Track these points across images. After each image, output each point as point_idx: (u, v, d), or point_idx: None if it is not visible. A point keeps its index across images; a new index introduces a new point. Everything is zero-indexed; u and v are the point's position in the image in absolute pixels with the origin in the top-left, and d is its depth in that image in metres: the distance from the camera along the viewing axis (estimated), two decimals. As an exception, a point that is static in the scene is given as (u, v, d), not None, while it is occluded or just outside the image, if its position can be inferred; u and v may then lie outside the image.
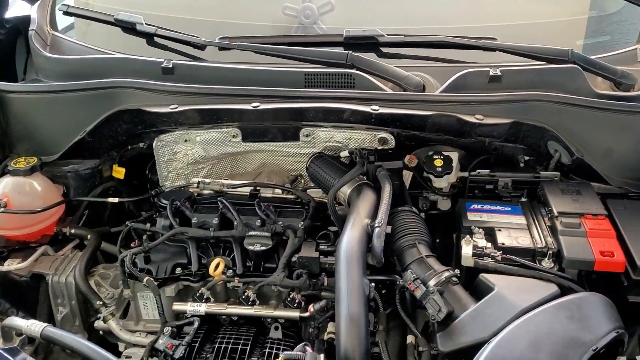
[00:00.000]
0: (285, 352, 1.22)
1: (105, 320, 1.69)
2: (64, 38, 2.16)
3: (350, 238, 1.47)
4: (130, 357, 1.63)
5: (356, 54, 1.83)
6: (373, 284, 1.42)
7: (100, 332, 1.76)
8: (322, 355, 1.19)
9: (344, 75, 1.80)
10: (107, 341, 1.77)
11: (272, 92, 1.76)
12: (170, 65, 1.86)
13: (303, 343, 1.26)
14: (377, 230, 1.48)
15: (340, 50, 1.87)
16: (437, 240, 1.78)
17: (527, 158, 1.86)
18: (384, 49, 1.95)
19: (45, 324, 1.42)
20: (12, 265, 1.73)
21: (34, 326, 1.43)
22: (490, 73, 1.76)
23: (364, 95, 1.74)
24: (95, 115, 1.83)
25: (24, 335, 1.54)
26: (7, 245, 1.81)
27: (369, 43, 1.92)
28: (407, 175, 1.92)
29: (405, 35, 1.93)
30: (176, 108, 1.76)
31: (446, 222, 1.83)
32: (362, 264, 1.42)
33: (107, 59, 1.96)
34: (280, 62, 1.91)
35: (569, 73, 1.78)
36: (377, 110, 1.70)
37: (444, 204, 1.88)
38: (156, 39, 2.04)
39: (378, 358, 1.45)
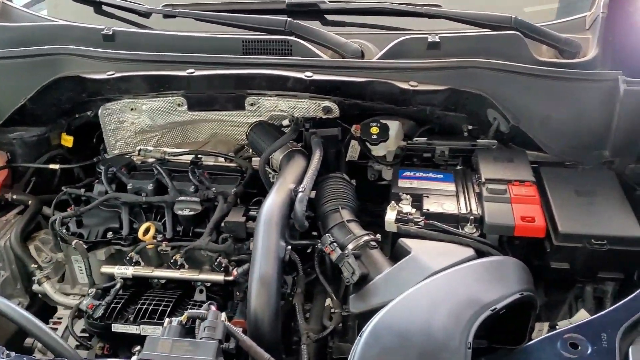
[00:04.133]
0: (190, 310, 1.23)
1: (40, 283, 1.71)
2: (15, 7, 2.16)
3: (272, 202, 1.48)
4: (61, 318, 1.65)
5: (296, 21, 1.81)
6: (289, 247, 1.42)
7: (39, 296, 1.78)
8: (223, 314, 1.20)
9: (282, 42, 1.79)
10: (46, 305, 1.79)
11: (207, 59, 1.76)
12: (111, 32, 1.86)
13: (208, 302, 1.28)
14: (300, 194, 1.48)
15: (284, 18, 1.86)
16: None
17: (470, 127, 1.85)
18: (328, 17, 1.93)
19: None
20: (-48, 228, 1.76)
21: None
22: (429, 40, 1.74)
23: (299, 62, 1.73)
24: (37, 82, 1.83)
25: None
26: (-51, 210, 1.84)
27: (312, 10, 1.90)
28: (356, 146, 1.91)
29: (348, 1, 1.91)
30: (113, 74, 1.76)
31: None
32: (280, 228, 1.42)
33: (50, 27, 1.97)
34: (223, 29, 1.90)
35: (510, 40, 1.75)
36: (311, 76, 1.68)
37: (388, 174, 1.88)
38: (104, 7, 2.04)
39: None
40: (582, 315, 1.44)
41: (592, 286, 1.48)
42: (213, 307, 1.24)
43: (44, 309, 1.81)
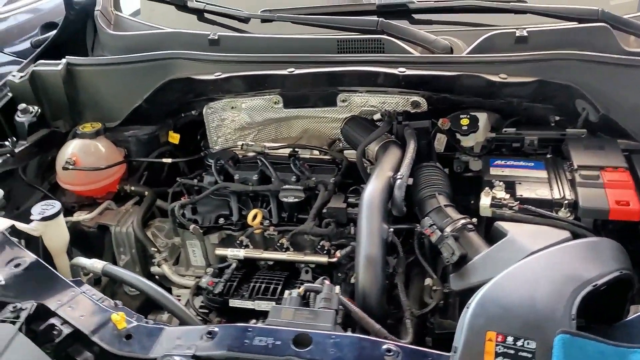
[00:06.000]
0: (306, 284, 1.36)
1: (159, 265, 1.90)
2: (126, 17, 2.39)
3: (372, 188, 1.60)
4: (179, 296, 1.83)
5: (387, 21, 1.92)
6: (392, 230, 1.53)
7: (156, 277, 1.98)
8: (337, 287, 1.32)
9: (374, 41, 1.91)
10: (163, 286, 1.98)
11: (306, 58, 1.89)
12: (216, 37, 2.04)
13: (322, 277, 1.40)
14: (398, 181, 1.59)
15: (375, 18, 1.98)
16: (472, 202, 1.85)
17: (557, 118, 1.88)
18: (415, 16, 2.03)
19: (106, 262, 1.64)
20: (81, 216, 1.97)
21: (96, 264, 1.65)
22: (517, 34, 1.81)
23: (392, 59, 1.84)
24: (151, 84, 2.01)
25: (90, 276, 1.78)
26: (77, 200, 2.06)
27: (401, 10, 2.01)
28: (442, 139, 2.00)
29: (435, 0, 2.00)
30: (220, 75, 1.93)
31: (479, 185, 1.90)
32: (382, 212, 1.54)
33: (160, 34, 2.17)
34: (318, 31, 2.04)
35: (597, 32, 1.80)
36: (404, 72, 1.79)
37: (475, 165, 1.95)
38: (205, 15, 2.23)
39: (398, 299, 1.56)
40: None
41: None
42: (327, 282, 1.36)
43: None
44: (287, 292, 1.36)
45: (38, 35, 2.96)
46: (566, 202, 1.54)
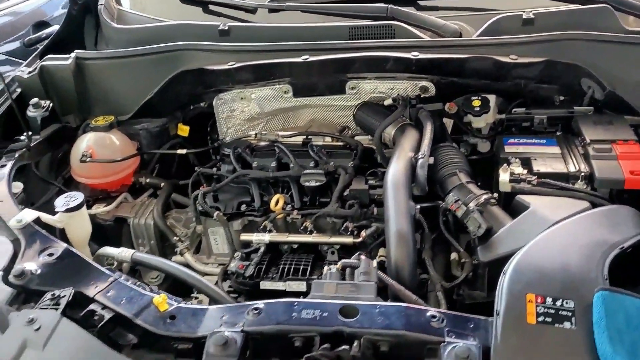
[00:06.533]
0: (343, 260, 1.40)
1: (181, 254, 1.91)
2: (128, 11, 2.39)
3: (396, 169, 1.64)
4: (205, 283, 1.84)
5: (395, 7, 1.97)
6: (419, 206, 1.58)
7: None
8: (374, 260, 1.36)
9: (385, 27, 1.96)
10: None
11: (320, 45, 1.93)
12: (227, 28, 2.06)
13: (358, 252, 1.44)
14: (420, 161, 1.64)
15: (381, 5, 2.02)
16: (479, 184, 1.91)
17: (562, 98, 1.95)
18: (422, 2, 2.08)
19: (134, 250, 1.65)
20: (99, 209, 1.97)
21: (124, 252, 1.66)
22: (524, 16, 1.88)
23: (404, 43, 1.89)
24: (162, 76, 2.02)
25: (113, 266, 1.78)
26: (91, 194, 2.05)
27: (408, -4, 2.06)
28: (448, 123, 2.06)
29: (441, -13, 2.06)
30: (234, 65, 1.95)
31: (486, 167, 1.95)
32: (407, 190, 1.59)
33: (170, 26, 2.18)
34: (326, 19, 2.08)
35: (601, 12, 1.88)
36: (417, 56, 1.84)
37: (484, 146, 2.01)
38: (211, 6, 2.24)
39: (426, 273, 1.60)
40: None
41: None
42: (363, 256, 1.40)
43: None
44: (326, 268, 1.39)
45: (29, 34, 2.95)
46: (582, 174, 1.60)
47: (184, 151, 2.10)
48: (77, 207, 1.67)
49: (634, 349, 1.09)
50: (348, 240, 1.73)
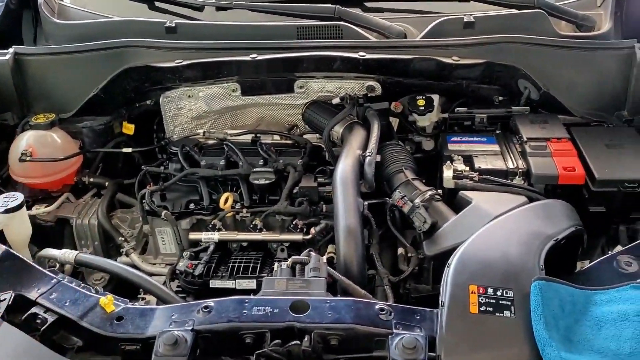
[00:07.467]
0: (293, 257, 1.41)
1: (127, 254, 1.88)
2: (70, 6, 2.32)
3: (344, 165, 1.67)
4: (152, 283, 1.81)
5: (343, 8, 2.00)
6: (366, 203, 1.61)
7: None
8: (324, 257, 1.38)
9: (333, 27, 1.99)
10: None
11: (268, 44, 1.94)
12: (173, 25, 2.03)
13: (308, 249, 1.46)
14: (368, 159, 1.68)
15: (329, 5, 2.05)
16: (424, 181, 1.97)
17: (501, 98, 2.04)
18: (368, 4, 2.13)
19: (77, 251, 1.61)
20: (39, 210, 1.91)
21: (67, 254, 1.61)
22: (465, 19, 1.96)
23: (351, 44, 1.92)
24: (106, 73, 1.98)
25: (56, 267, 1.73)
26: (31, 194, 1.99)
27: (354, -2, 2.10)
28: (394, 122, 2.11)
29: (386, -11, 2.11)
30: (181, 62, 1.93)
31: (430, 165, 2.00)
32: (355, 187, 1.62)
33: (114, 22, 2.13)
34: (274, 18, 2.09)
35: (536, 17, 1.98)
36: (364, 56, 1.88)
37: (428, 144, 2.07)
38: (157, 3, 2.21)
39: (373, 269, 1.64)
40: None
41: (625, 226, 1.70)
42: (313, 253, 1.42)
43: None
44: (276, 264, 1.40)
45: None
46: (520, 170, 1.69)
47: (129, 150, 2.06)
48: (17, 208, 1.62)
49: (567, 334, 1.16)
50: (297, 237, 1.75)
